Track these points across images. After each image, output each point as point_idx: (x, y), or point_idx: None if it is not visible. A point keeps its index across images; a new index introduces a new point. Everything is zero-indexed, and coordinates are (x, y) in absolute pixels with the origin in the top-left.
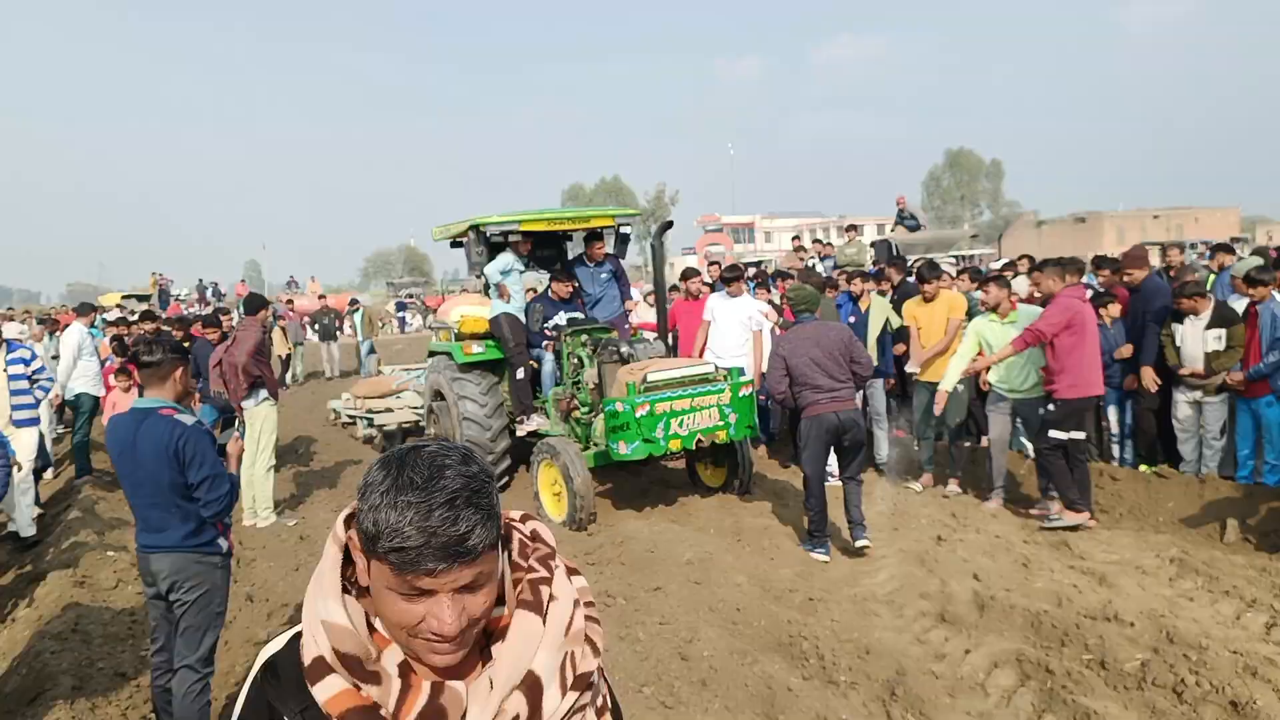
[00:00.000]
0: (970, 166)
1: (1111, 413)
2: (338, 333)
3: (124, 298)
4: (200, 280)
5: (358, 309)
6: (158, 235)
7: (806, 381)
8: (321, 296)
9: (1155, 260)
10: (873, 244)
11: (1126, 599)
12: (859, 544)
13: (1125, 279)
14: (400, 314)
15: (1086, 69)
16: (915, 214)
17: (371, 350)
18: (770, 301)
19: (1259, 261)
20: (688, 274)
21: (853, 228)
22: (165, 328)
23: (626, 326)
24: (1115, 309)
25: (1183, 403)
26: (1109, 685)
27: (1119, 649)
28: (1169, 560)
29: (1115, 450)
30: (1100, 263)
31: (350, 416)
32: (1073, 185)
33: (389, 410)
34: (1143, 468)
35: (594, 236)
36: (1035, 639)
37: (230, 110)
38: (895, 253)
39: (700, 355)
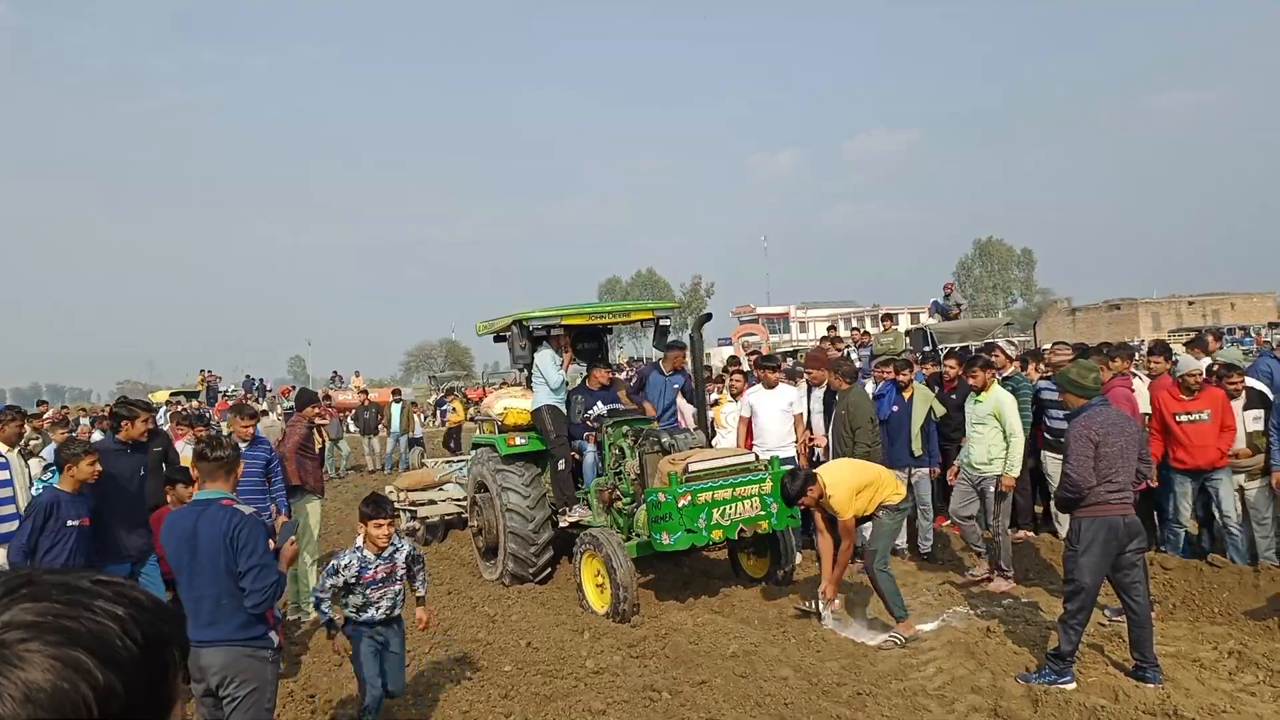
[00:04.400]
0: (1000, 255)
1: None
2: (380, 427)
3: (172, 394)
4: (247, 376)
5: (400, 400)
6: (206, 334)
7: (1107, 475)
8: (363, 391)
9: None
10: (908, 333)
11: (1185, 695)
12: (1151, 686)
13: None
14: (442, 407)
15: (1117, 156)
16: (959, 301)
17: (412, 444)
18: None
19: (1237, 355)
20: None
21: (889, 317)
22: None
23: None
24: None
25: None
26: None
27: None
28: (1227, 653)
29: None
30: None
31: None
32: (1106, 272)
33: (432, 503)
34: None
35: (676, 346)
36: None
37: (277, 210)
38: (930, 341)
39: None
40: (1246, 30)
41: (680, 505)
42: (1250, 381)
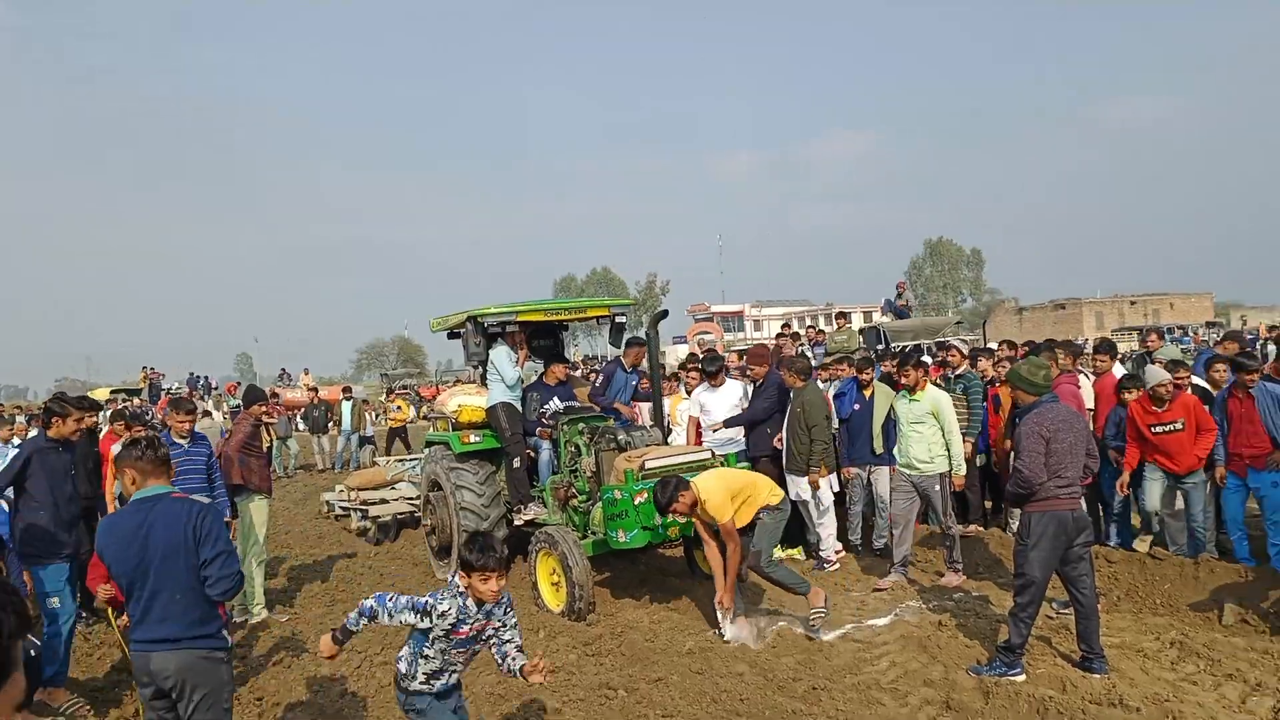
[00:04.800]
0: (951, 256)
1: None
2: (330, 425)
3: (113, 392)
4: (191, 373)
5: (350, 398)
6: (148, 331)
7: (1058, 471)
8: (313, 389)
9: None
10: (861, 331)
11: (1130, 684)
12: (1098, 676)
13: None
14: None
15: (1063, 162)
16: (910, 300)
17: (363, 442)
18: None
19: (1176, 353)
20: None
21: (842, 315)
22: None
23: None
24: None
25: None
26: None
27: None
28: (1169, 643)
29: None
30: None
31: (344, 509)
32: (1052, 273)
33: (384, 502)
34: (1137, 544)
35: (636, 342)
36: None
37: (222, 203)
38: (883, 339)
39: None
40: (1189, 40)
41: (637, 503)
42: (1195, 379)
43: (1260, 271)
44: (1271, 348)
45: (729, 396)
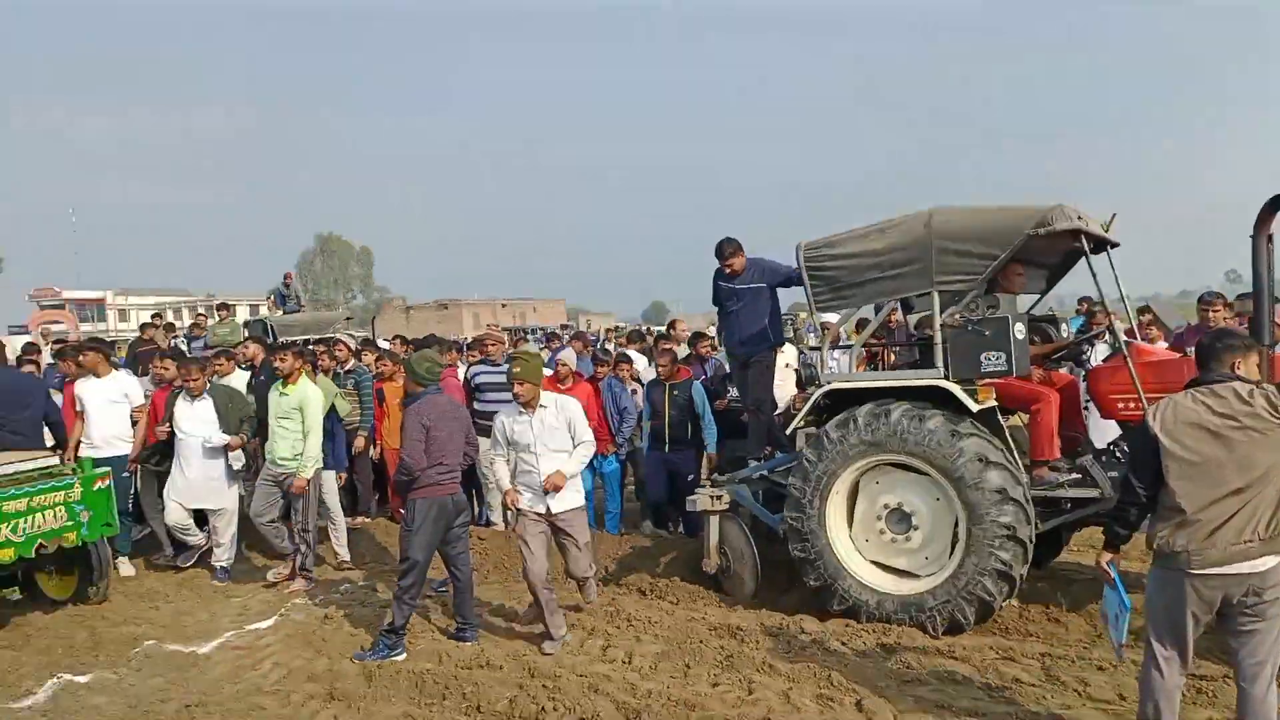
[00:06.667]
0: (342, 251)
1: None
2: None
3: None
4: None
5: None
6: None
7: (438, 458)
8: None
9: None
10: (246, 323)
11: (496, 645)
12: (470, 644)
13: None
14: None
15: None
16: (299, 293)
17: None
18: None
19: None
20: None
21: (224, 306)
22: None
23: None
24: None
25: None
26: None
27: (491, 691)
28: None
29: None
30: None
31: None
32: (436, 274)
33: None
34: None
35: None
36: (420, 698)
37: None
38: (270, 333)
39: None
40: None
41: None
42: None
43: (602, 281)
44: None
45: (113, 389)
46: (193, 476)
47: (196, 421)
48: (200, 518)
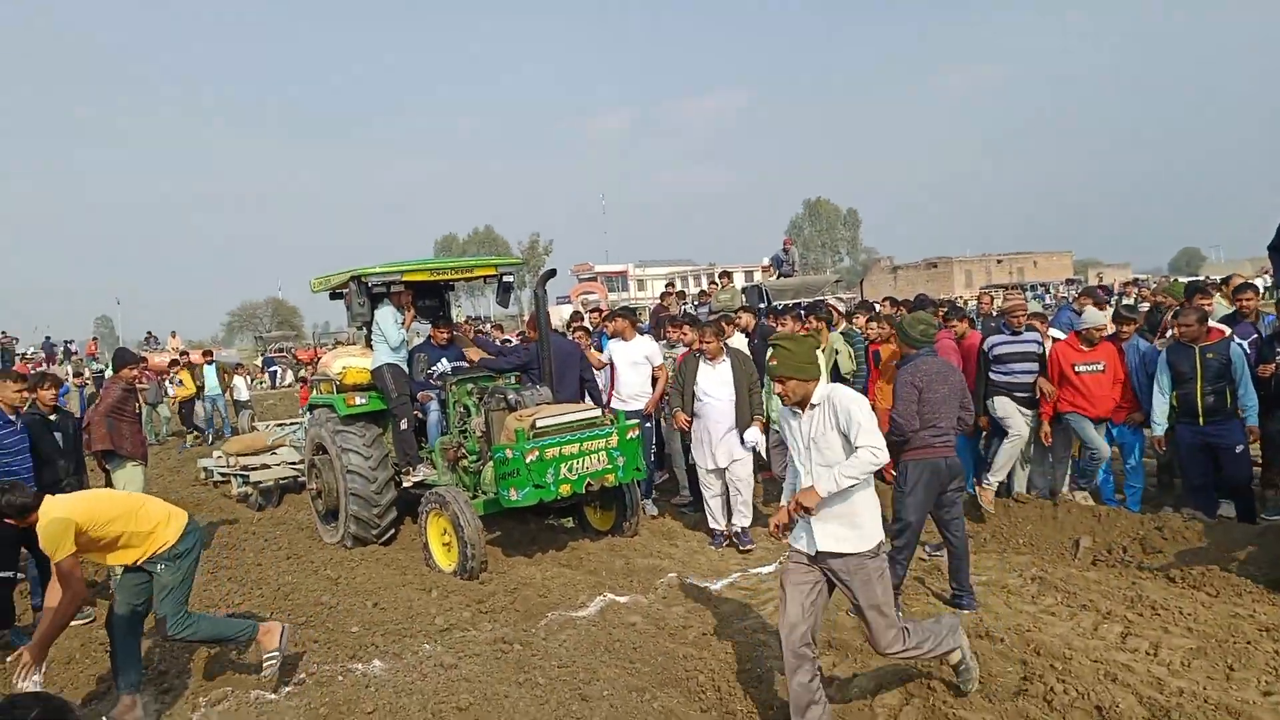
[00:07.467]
0: (828, 215)
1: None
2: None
3: None
4: (47, 338)
5: (212, 361)
6: None
7: (931, 421)
8: (183, 352)
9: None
10: (744, 289)
11: (996, 617)
12: (967, 611)
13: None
14: (271, 368)
15: (929, 127)
16: (796, 259)
17: (239, 408)
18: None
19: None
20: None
21: (726, 274)
22: None
23: None
24: None
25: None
26: (985, 698)
27: (992, 663)
28: (1030, 579)
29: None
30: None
31: (223, 475)
32: (924, 233)
33: (265, 467)
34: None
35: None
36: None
37: (73, 155)
38: (765, 297)
39: (609, 400)
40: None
41: (528, 461)
42: (1053, 331)
43: (1117, 230)
44: (1144, 305)
45: (636, 352)
46: (714, 436)
47: (716, 384)
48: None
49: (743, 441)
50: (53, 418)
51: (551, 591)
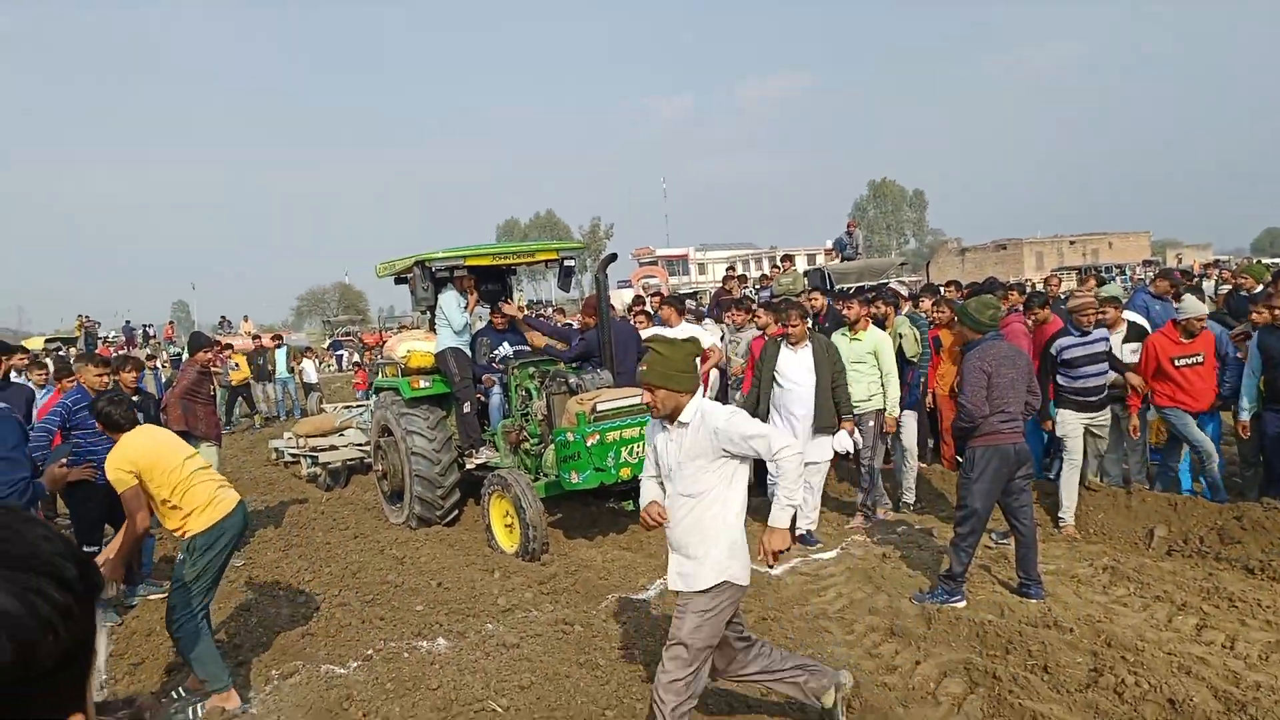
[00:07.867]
0: (894, 196)
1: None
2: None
3: (47, 341)
4: (128, 322)
5: (282, 345)
6: (79, 277)
7: (1000, 406)
8: (256, 336)
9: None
10: (806, 273)
11: (1065, 607)
12: (1035, 601)
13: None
14: (338, 352)
15: (999, 106)
16: (859, 241)
17: (309, 390)
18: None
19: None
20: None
21: (788, 258)
22: None
23: None
24: None
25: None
26: (1053, 689)
27: (1060, 654)
28: (1102, 569)
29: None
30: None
31: (293, 456)
32: (993, 213)
33: (333, 448)
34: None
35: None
36: (981, 648)
37: (154, 145)
38: (828, 281)
39: None
40: None
41: (589, 444)
42: (1128, 315)
43: (1195, 209)
44: (1225, 287)
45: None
46: (794, 424)
47: (799, 370)
48: None
49: (833, 448)
50: (135, 399)
51: (612, 574)
